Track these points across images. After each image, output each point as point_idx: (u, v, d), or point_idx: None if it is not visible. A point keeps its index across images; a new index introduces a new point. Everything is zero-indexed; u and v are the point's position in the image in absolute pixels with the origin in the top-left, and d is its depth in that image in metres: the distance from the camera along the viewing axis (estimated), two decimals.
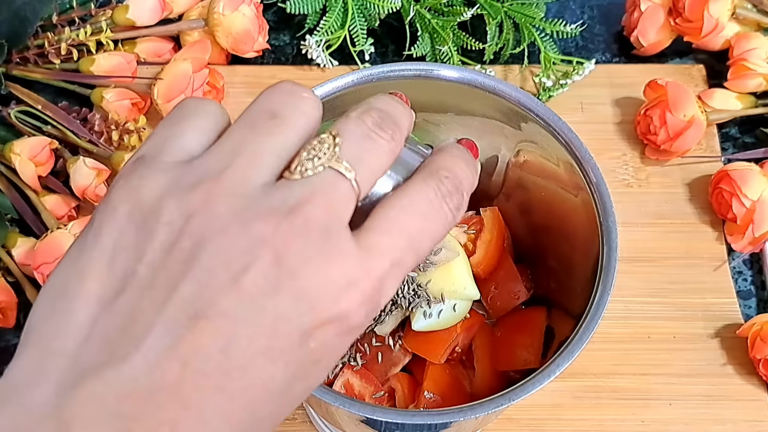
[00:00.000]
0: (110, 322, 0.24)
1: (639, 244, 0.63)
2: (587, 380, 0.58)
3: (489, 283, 0.50)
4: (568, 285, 0.47)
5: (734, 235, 0.62)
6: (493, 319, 0.52)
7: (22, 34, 0.66)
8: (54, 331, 0.24)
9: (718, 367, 0.59)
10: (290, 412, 0.26)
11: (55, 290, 0.25)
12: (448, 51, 0.68)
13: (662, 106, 0.63)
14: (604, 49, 0.74)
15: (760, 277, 0.63)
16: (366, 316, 0.26)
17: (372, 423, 0.41)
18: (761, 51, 0.66)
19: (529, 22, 0.68)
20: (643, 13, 0.69)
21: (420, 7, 0.69)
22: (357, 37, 0.70)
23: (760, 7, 0.68)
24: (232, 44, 0.68)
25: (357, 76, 0.45)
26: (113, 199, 0.25)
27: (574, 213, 0.45)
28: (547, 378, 0.38)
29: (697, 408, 0.57)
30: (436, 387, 0.48)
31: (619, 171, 0.66)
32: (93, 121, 0.64)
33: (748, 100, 0.67)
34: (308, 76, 0.71)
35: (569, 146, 0.44)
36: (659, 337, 0.60)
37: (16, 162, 0.60)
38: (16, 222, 0.62)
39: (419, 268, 0.46)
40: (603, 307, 0.40)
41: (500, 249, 0.51)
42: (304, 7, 0.70)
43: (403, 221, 0.27)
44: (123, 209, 0.25)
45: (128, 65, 0.66)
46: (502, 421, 0.56)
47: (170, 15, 0.69)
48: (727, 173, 0.61)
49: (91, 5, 0.69)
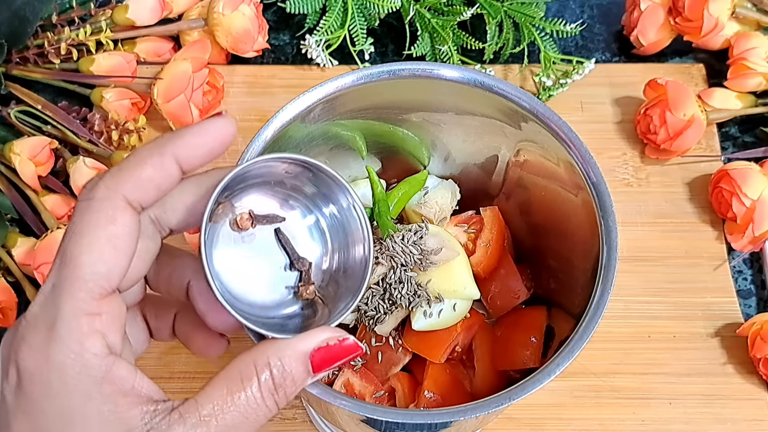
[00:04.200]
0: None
1: (639, 243, 0.63)
2: (587, 379, 0.58)
3: (489, 282, 0.50)
4: (568, 284, 0.47)
5: (734, 235, 0.62)
6: (493, 319, 0.52)
7: (22, 34, 0.66)
8: None
9: (718, 367, 0.59)
10: None
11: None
12: (448, 50, 0.68)
13: (662, 106, 0.63)
14: (603, 48, 0.74)
15: (760, 276, 0.63)
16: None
17: (372, 422, 0.41)
18: (761, 50, 0.66)
19: (528, 21, 0.68)
20: (643, 12, 0.69)
21: (420, 7, 0.69)
22: (357, 37, 0.70)
23: (760, 7, 0.68)
24: (232, 44, 0.68)
25: (357, 75, 0.45)
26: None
27: (574, 212, 0.45)
28: (547, 377, 0.38)
29: (697, 407, 0.57)
30: (436, 386, 0.48)
31: (619, 170, 0.66)
32: (93, 121, 0.64)
33: (747, 100, 0.67)
34: (308, 75, 0.71)
35: (569, 146, 0.44)
36: (659, 336, 0.60)
37: (16, 162, 0.60)
38: (16, 222, 0.62)
39: (419, 268, 0.47)
40: (603, 307, 0.40)
41: (500, 248, 0.51)
42: (304, 6, 0.70)
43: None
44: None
45: (128, 65, 0.66)
46: (503, 420, 0.56)
47: (170, 15, 0.69)
48: (727, 172, 0.61)
49: (91, 5, 0.69)
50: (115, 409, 0.30)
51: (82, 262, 0.30)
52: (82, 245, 0.30)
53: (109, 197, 0.31)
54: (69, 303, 0.30)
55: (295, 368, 0.33)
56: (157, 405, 0.31)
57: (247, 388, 0.32)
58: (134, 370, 0.31)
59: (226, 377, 0.32)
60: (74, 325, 0.30)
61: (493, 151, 0.50)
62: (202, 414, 0.31)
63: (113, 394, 0.30)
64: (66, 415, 0.29)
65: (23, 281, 0.59)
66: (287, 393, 0.33)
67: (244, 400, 0.32)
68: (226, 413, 0.31)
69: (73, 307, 0.30)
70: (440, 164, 0.53)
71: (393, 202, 0.49)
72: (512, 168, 0.50)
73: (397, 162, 0.52)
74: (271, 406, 0.32)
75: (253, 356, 0.32)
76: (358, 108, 0.47)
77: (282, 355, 0.33)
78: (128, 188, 0.31)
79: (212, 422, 0.31)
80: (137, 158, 0.32)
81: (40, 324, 0.30)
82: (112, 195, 0.31)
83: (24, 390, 0.30)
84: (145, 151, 0.32)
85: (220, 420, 0.31)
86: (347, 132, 0.48)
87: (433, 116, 0.49)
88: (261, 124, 0.44)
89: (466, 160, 0.52)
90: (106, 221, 0.30)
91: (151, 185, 0.32)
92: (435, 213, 0.50)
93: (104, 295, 0.31)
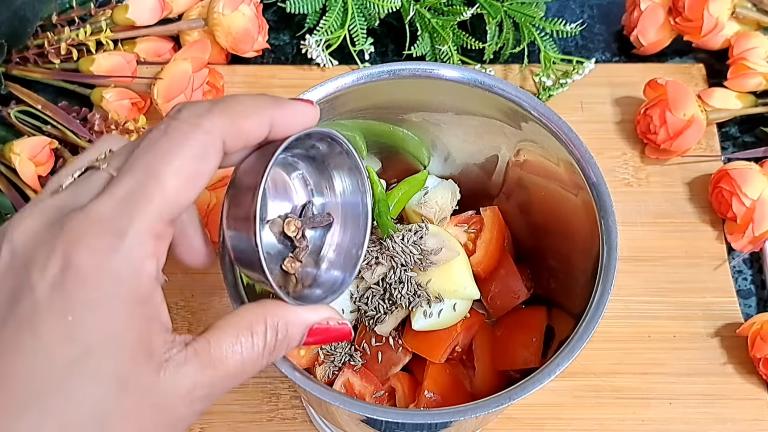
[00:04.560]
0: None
1: (639, 243, 0.63)
2: (587, 379, 0.58)
3: (489, 282, 0.50)
4: (568, 284, 0.47)
5: (734, 234, 0.62)
6: (493, 319, 0.52)
7: (22, 34, 0.66)
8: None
9: (718, 366, 0.59)
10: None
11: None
12: (448, 50, 0.68)
13: (662, 106, 0.63)
14: (603, 48, 0.74)
15: (760, 276, 0.63)
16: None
17: (372, 422, 0.41)
18: (761, 50, 0.66)
19: (528, 21, 0.68)
20: (643, 12, 0.69)
21: (420, 7, 0.69)
22: (357, 37, 0.70)
23: (760, 6, 0.68)
24: (232, 44, 0.68)
25: (357, 75, 0.45)
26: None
27: (574, 213, 0.45)
28: (548, 377, 0.38)
29: (697, 407, 0.57)
30: (436, 386, 0.48)
31: (619, 170, 0.66)
32: (93, 121, 0.64)
33: (747, 100, 0.67)
34: (308, 75, 0.71)
35: (569, 146, 0.44)
36: (659, 336, 0.60)
37: (16, 162, 0.60)
38: None
39: (419, 268, 0.47)
40: (603, 307, 0.40)
41: (500, 248, 0.51)
42: (304, 6, 0.70)
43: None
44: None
45: (128, 65, 0.66)
46: (503, 420, 0.56)
47: (170, 15, 0.69)
48: (727, 172, 0.61)
49: (91, 5, 0.69)
50: (147, 332, 0.30)
51: (168, 184, 0.30)
52: (173, 166, 0.30)
53: (212, 133, 0.31)
54: (144, 219, 0.29)
55: (295, 336, 0.34)
56: (174, 336, 0.31)
57: (255, 339, 0.33)
58: (163, 299, 0.31)
59: (237, 325, 0.33)
60: (143, 242, 0.29)
61: (493, 151, 0.50)
62: (214, 356, 0.31)
63: (150, 318, 0.30)
64: (104, 328, 0.29)
65: None
66: (278, 356, 0.34)
67: (248, 351, 0.32)
68: (230, 360, 0.32)
69: (147, 226, 0.29)
70: (440, 164, 0.53)
71: (393, 202, 0.49)
72: (512, 168, 0.50)
73: (397, 162, 0.52)
74: (264, 364, 0.33)
75: (265, 312, 0.33)
76: (358, 108, 0.47)
77: (289, 320, 0.34)
78: (229, 134, 0.31)
79: (220, 366, 0.31)
80: (243, 107, 0.32)
81: (105, 228, 0.29)
82: (216, 133, 0.31)
83: (67, 288, 0.28)
84: (249, 103, 0.33)
85: (225, 364, 0.32)
86: (347, 132, 0.48)
87: (433, 116, 0.49)
88: None
89: (466, 160, 0.52)
90: (201, 155, 0.30)
91: (243, 137, 0.32)
92: (435, 213, 0.50)
93: (172, 221, 0.31)
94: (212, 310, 0.60)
